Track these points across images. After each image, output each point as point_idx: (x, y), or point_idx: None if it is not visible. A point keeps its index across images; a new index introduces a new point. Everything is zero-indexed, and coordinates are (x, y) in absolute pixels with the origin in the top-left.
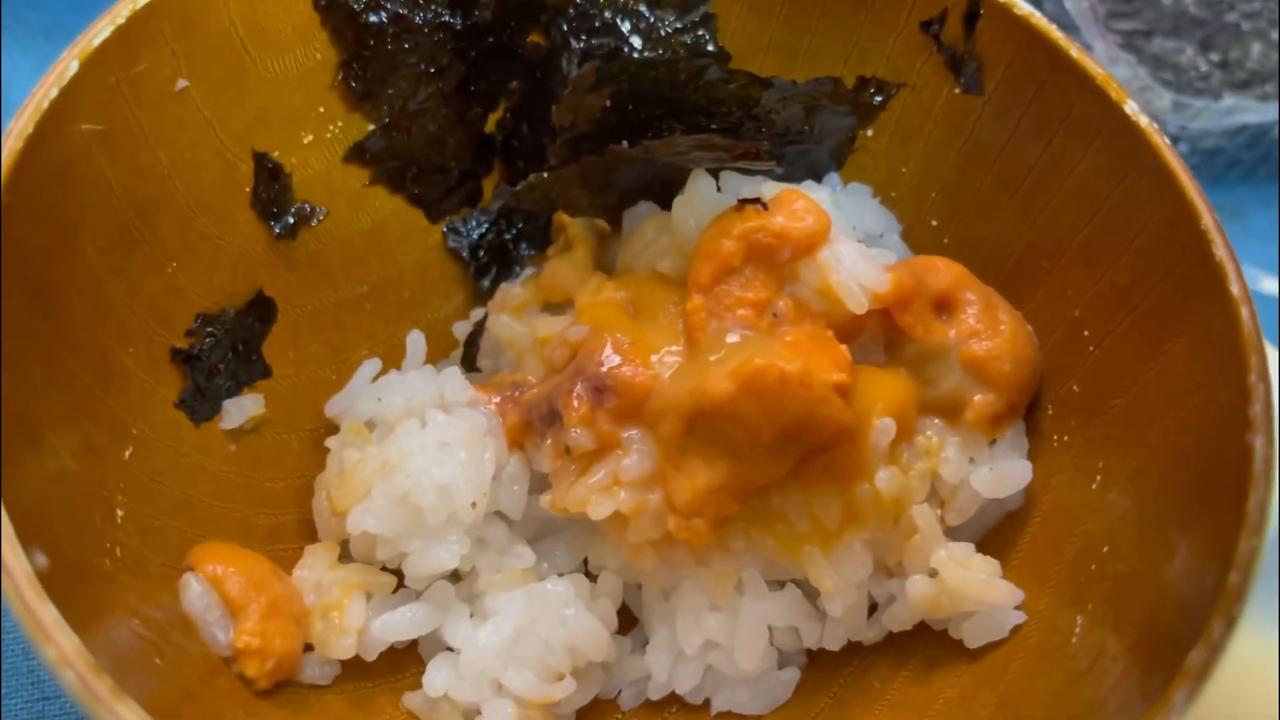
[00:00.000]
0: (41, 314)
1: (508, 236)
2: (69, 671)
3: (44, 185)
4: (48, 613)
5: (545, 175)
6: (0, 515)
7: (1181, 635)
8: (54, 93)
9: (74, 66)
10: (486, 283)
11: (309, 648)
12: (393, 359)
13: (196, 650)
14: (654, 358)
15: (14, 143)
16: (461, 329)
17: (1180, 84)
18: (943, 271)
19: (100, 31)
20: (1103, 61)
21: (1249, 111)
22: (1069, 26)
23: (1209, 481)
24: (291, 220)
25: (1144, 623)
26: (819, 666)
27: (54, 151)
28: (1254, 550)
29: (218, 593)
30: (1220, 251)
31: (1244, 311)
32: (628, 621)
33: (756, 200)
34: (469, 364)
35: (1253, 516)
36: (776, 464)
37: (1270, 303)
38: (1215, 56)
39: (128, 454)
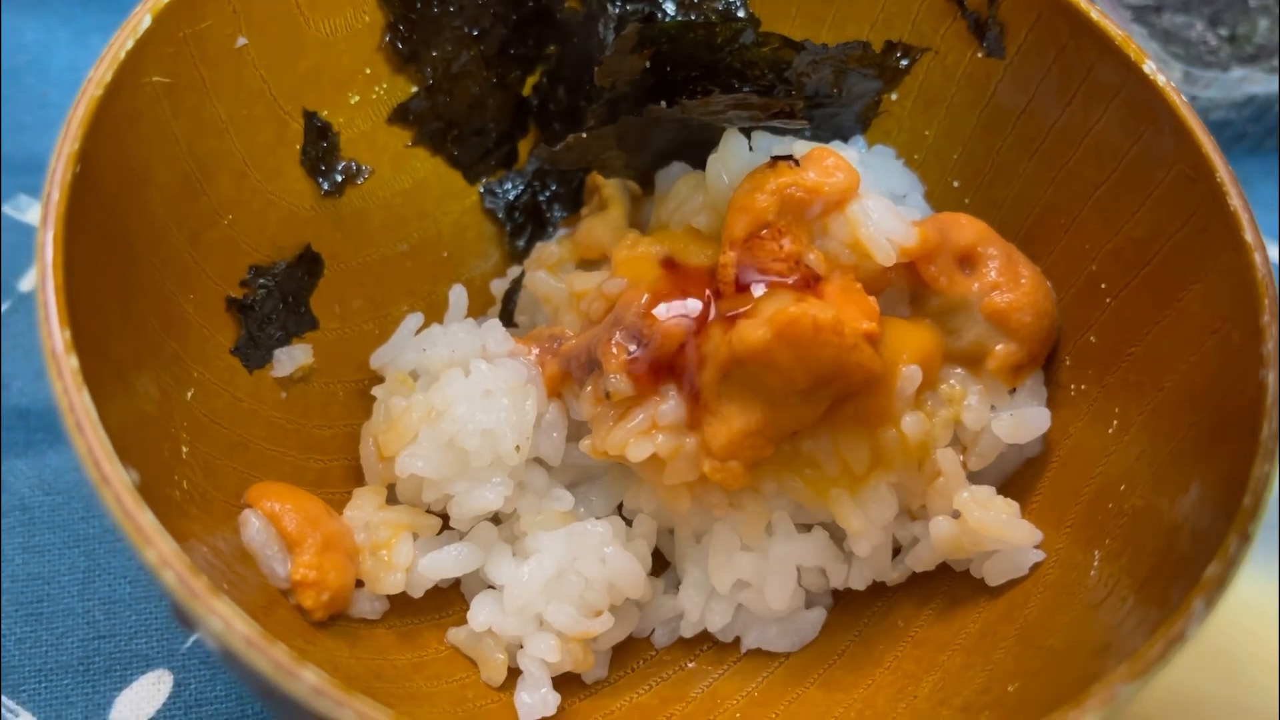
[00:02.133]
0: (116, 258)
1: (542, 198)
2: (169, 572)
3: (119, 133)
4: (147, 519)
5: (584, 135)
6: (94, 433)
7: (1197, 557)
8: (130, 44)
9: (147, 20)
10: (521, 243)
11: (360, 584)
12: (433, 315)
13: (257, 581)
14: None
15: (94, 90)
16: (499, 286)
17: (1190, 58)
18: (966, 227)
19: None
20: None
21: (1257, 83)
22: None
23: (1223, 417)
24: (339, 178)
25: (1160, 551)
26: (845, 606)
27: (128, 101)
28: (1268, 476)
29: (275, 528)
30: (1235, 201)
31: (1258, 257)
32: (659, 566)
33: (789, 157)
34: (507, 320)
35: (1266, 444)
36: (809, 409)
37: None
38: (1224, 31)
39: (190, 395)
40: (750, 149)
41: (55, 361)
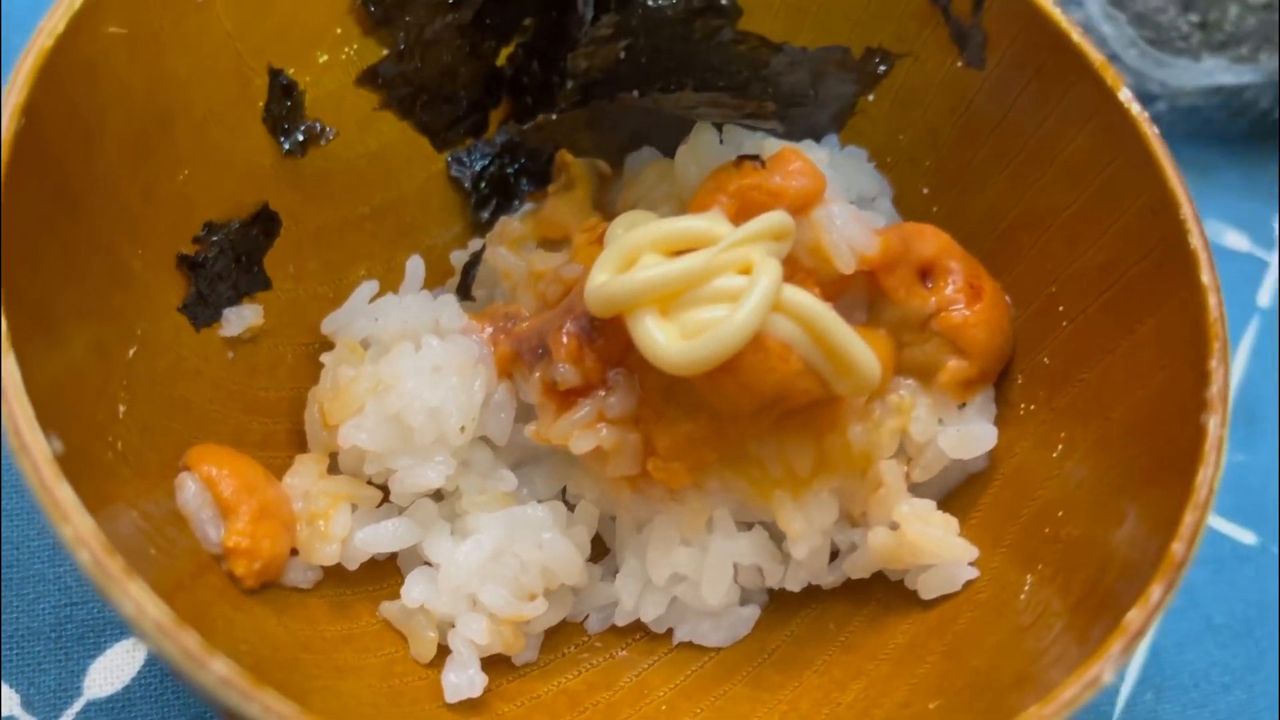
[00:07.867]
0: (62, 209)
1: (509, 170)
2: (84, 551)
3: (70, 83)
4: (65, 494)
5: (554, 117)
6: (15, 398)
7: (1123, 597)
8: None
9: None
10: (485, 215)
11: (294, 552)
12: (390, 282)
13: (188, 546)
14: None
15: (44, 40)
16: (459, 258)
17: (1161, 42)
18: (930, 239)
19: None
20: (1095, 18)
21: (1225, 73)
22: None
23: (1163, 456)
24: (301, 138)
25: (1089, 584)
26: (779, 606)
27: (81, 51)
28: (1198, 523)
29: (211, 493)
30: (1195, 240)
31: (1212, 299)
32: (599, 551)
33: (755, 157)
34: (464, 293)
35: (1200, 491)
36: (755, 425)
37: (1232, 258)
38: (1195, 17)
39: (131, 353)
40: (721, 142)
41: None
